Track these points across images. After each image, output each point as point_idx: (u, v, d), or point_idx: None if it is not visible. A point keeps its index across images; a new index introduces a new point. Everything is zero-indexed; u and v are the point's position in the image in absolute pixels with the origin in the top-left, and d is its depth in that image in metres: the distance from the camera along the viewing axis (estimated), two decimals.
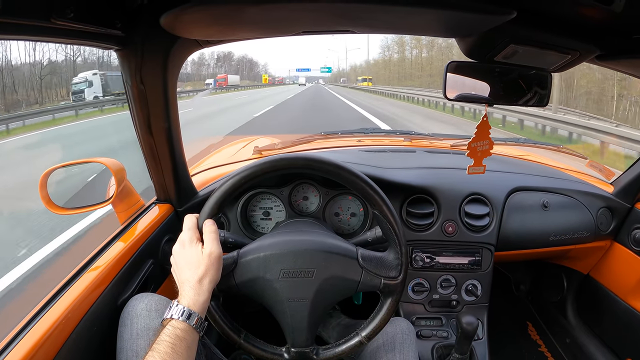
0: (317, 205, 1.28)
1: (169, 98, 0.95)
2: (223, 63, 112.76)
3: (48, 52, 32.59)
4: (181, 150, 1.10)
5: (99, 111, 16.99)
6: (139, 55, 0.85)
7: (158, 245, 1.13)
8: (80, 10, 0.63)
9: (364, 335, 0.87)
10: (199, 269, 0.77)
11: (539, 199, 1.40)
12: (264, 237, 0.92)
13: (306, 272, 0.83)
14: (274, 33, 0.86)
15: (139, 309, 0.86)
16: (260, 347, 0.88)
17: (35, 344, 0.72)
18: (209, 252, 0.78)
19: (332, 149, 1.64)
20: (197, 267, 0.77)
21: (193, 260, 0.78)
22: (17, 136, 11.15)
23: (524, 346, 1.76)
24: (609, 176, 1.56)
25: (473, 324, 1.10)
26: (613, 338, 1.51)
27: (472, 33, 0.82)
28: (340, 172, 0.84)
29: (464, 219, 1.32)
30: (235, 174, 0.84)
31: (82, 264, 0.93)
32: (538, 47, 0.81)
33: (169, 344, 0.69)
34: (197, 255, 0.78)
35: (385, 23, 0.79)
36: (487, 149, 1.05)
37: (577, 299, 1.69)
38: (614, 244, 1.48)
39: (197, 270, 0.77)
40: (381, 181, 1.01)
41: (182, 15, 0.69)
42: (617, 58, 0.86)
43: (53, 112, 14.90)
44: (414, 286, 1.35)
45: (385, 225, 0.86)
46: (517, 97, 1.00)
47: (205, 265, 0.77)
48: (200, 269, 0.77)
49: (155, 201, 1.21)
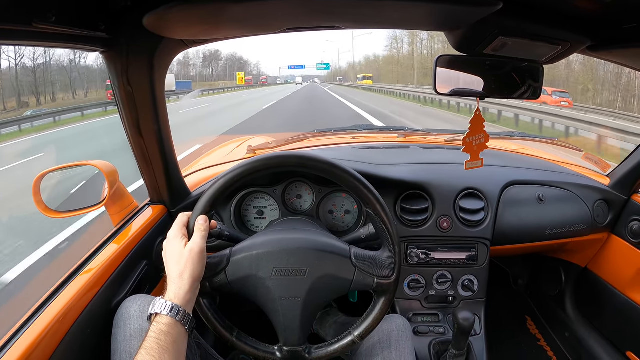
0: (311, 204, 1.27)
1: (157, 99, 0.95)
2: (210, 62, 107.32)
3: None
4: (172, 150, 1.09)
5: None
6: (125, 56, 0.84)
7: (152, 247, 1.13)
8: (63, 14, 0.63)
9: (356, 334, 0.86)
10: (179, 264, 0.77)
11: (535, 192, 1.39)
12: (257, 235, 0.91)
13: (299, 271, 0.83)
14: (259, 31, 0.86)
15: (132, 310, 0.86)
16: (252, 346, 0.88)
17: (29, 346, 0.72)
18: (190, 248, 0.78)
19: (325, 147, 1.64)
20: (178, 261, 0.78)
21: (175, 256, 0.79)
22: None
23: (523, 341, 1.76)
24: (605, 168, 1.55)
25: (469, 320, 1.10)
26: (612, 331, 1.51)
27: (459, 26, 0.81)
28: (334, 170, 0.84)
29: (459, 214, 1.32)
30: (228, 173, 0.84)
31: (76, 266, 0.93)
32: (527, 39, 0.81)
33: (154, 339, 0.69)
34: (179, 250, 0.79)
35: (371, 17, 0.78)
36: (483, 143, 1.04)
37: (576, 293, 1.69)
38: (611, 236, 1.47)
39: (179, 265, 0.77)
40: (375, 178, 1.01)
41: (165, 15, 0.68)
42: (609, 48, 0.85)
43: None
44: (410, 282, 1.35)
45: (379, 225, 0.86)
46: (510, 90, 0.99)
47: (185, 259, 0.77)
48: (180, 264, 0.77)
49: (148, 202, 1.21)
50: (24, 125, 13.37)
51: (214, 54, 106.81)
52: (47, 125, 14.11)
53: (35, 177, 1.08)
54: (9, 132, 12.71)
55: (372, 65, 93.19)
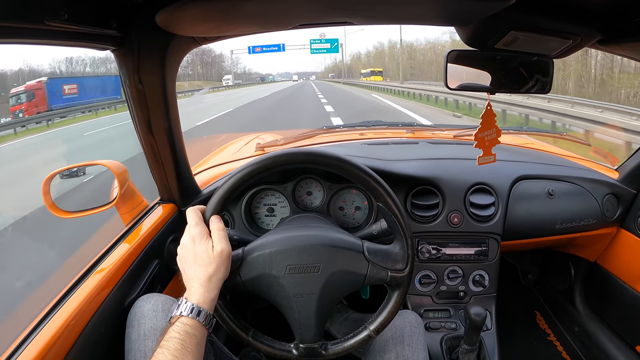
0: (321, 200, 1.27)
1: (168, 97, 0.95)
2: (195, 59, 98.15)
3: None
4: (183, 149, 1.09)
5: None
6: (136, 54, 0.84)
7: (163, 245, 1.13)
8: (75, 12, 0.63)
9: (372, 329, 0.86)
10: (209, 267, 0.76)
11: (544, 187, 1.39)
12: (269, 233, 0.91)
13: (312, 267, 0.83)
14: (271, 27, 0.86)
15: (146, 309, 0.86)
16: (268, 344, 0.88)
17: (44, 347, 0.72)
18: (220, 250, 0.77)
19: (334, 143, 1.64)
20: (207, 264, 0.76)
21: (203, 257, 0.77)
22: None
23: (532, 336, 1.76)
24: (614, 162, 1.55)
25: (481, 315, 1.10)
26: (622, 325, 1.50)
27: (471, 21, 0.81)
28: (343, 165, 0.84)
29: (469, 209, 1.32)
30: (237, 172, 0.84)
31: (88, 267, 0.93)
32: (539, 33, 0.80)
33: (179, 341, 0.68)
34: (208, 253, 0.77)
35: (384, 13, 0.78)
36: (494, 138, 1.04)
37: (585, 287, 1.68)
38: (621, 230, 1.46)
39: (208, 267, 0.76)
40: (384, 173, 1.00)
41: (178, 12, 0.68)
42: (619, 42, 0.85)
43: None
44: (421, 278, 1.35)
45: (390, 218, 0.86)
46: (519, 85, 0.99)
47: (216, 263, 0.76)
48: (210, 267, 0.76)
49: (158, 201, 1.21)
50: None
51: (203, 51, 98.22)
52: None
53: (45, 177, 1.08)
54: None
55: (375, 58, 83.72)
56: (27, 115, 19.51)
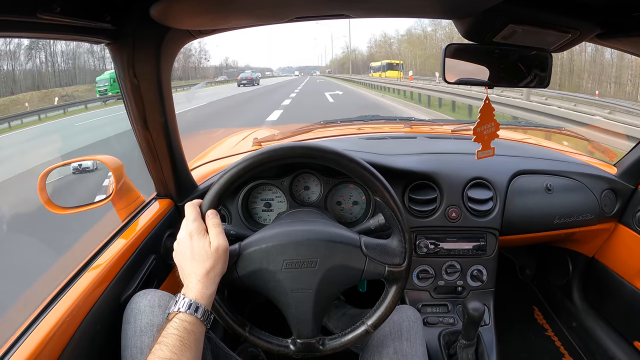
0: (319, 195, 1.27)
1: (163, 91, 0.94)
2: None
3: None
4: (179, 143, 1.09)
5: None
6: (131, 48, 0.83)
7: (160, 241, 1.12)
8: (67, 4, 0.62)
9: (369, 324, 0.86)
10: (207, 262, 0.76)
11: (542, 182, 1.39)
12: (266, 228, 0.91)
13: (309, 262, 0.82)
14: (267, 20, 0.85)
15: (142, 305, 0.85)
16: (266, 340, 0.88)
17: (39, 344, 0.72)
18: (217, 246, 0.77)
19: (331, 138, 1.63)
20: (205, 260, 0.76)
21: (201, 253, 0.77)
22: None
23: (530, 331, 1.76)
24: (612, 158, 1.54)
25: (479, 310, 1.09)
26: (620, 321, 1.50)
27: (469, 14, 0.80)
28: (340, 160, 0.83)
29: (467, 203, 1.31)
30: (234, 166, 0.83)
31: (84, 262, 0.93)
32: (537, 27, 0.80)
33: (177, 337, 0.68)
34: (205, 248, 0.77)
35: (381, 5, 0.77)
36: (493, 131, 1.04)
37: (583, 282, 1.69)
38: (619, 225, 1.46)
39: (205, 263, 0.76)
40: (382, 168, 1.00)
41: (172, 5, 0.68)
42: (618, 36, 0.85)
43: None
44: (419, 273, 1.35)
45: (388, 212, 0.85)
46: (518, 79, 0.99)
47: (214, 259, 0.76)
48: (208, 262, 0.76)
49: (155, 197, 1.21)
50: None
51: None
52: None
53: (40, 174, 1.07)
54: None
55: (377, 50, 75.01)
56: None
